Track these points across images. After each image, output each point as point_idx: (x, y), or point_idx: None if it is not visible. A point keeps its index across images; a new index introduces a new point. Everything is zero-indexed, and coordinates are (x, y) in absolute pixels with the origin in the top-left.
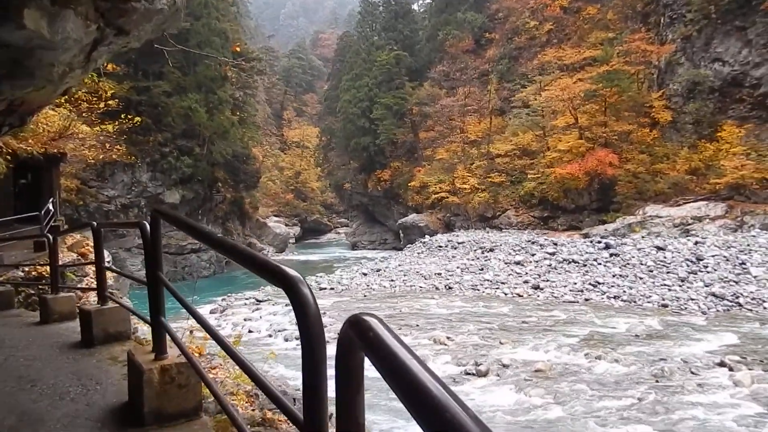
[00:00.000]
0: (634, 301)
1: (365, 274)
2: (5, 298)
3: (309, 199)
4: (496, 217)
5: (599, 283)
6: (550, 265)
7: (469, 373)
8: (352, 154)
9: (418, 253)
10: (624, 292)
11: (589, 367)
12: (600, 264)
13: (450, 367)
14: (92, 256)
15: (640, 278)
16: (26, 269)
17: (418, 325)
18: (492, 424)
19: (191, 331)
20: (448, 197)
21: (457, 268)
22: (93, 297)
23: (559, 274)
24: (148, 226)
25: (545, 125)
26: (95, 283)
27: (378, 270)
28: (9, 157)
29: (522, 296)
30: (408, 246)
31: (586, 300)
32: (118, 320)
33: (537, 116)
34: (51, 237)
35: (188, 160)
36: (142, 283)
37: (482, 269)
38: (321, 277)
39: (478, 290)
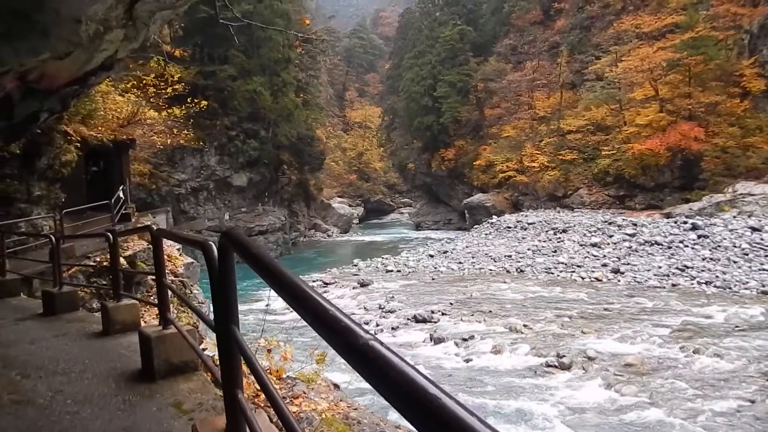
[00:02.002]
0: (729, 288)
1: (432, 256)
2: (70, 300)
3: (372, 180)
4: (567, 196)
5: (687, 267)
6: (630, 248)
7: (551, 365)
8: (415, 134)
9: (486, 234)
10: (717, 277)
11: (687, 362)
12: (687, 246)
13: (530, 359)
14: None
15: (734, 262)
16: (98, 260)
17: (491, 311)
18: (581, 425)
19: (269, 350)
20: (515, 176)
21: (528, 250)
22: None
23: (641, 257)
24: (215, 250)
25: (621, 98)
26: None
27: (445, 252)
28: (79, 145)
29: (601, 281)
30: (474, 227)
31: (674, 285)
32: (182, 348)
33: (612, 89)
34: (111, 237)
35: (254, 143)
36: (210, 327)
37: (555, 251)
38: (387, 258)
39: (552, 274)
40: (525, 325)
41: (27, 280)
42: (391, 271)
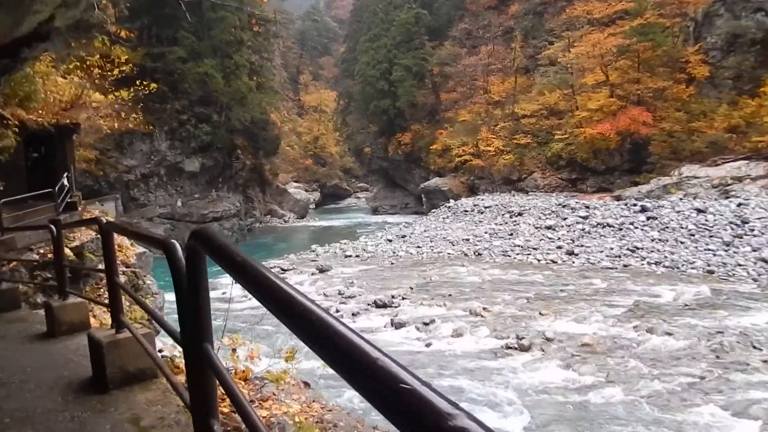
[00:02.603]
0: (677, 267)
1: (390, 241)
2: (11, 297)
3: (328, 164)
4: (522, 179)
5: (638, 248)
6: (583, 230)
7: (510, 347)
8: (371, 118)
9: (444, 218)
10: (665, 257)
11: (641, 341)
12: (637, 228)
13: (490, 341)
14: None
15: (682, 242)
16: (41, 252)
17: (450, 295)
18: (541, 405)
19: (234, 349)
20: (471, 160)
21: (485, 233)
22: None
23: (594, 238)
24: (178, 250)
25: (574, 83)
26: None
27: (403, 236)
28: (17, 129)
29: (556, 262)
30: (432, 211)
31: (625, 266)
32: (139, 353)
33: (565, 74)
34: (54, 228)
35: (206, 127)
36: (177, 342)
37: (512, 234)
38: (345, 244)
39: (509, 257)
40: (484, 308)
41: None
42: (350, 256)
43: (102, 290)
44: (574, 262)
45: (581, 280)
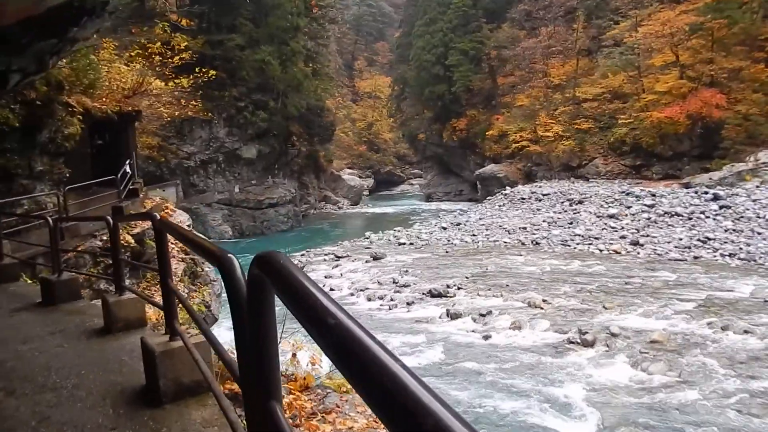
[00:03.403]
0: (754, 260)
1: (445, 229)
2: (71, 288)
3: (382, 151)
4: (582, 166)
5: (709, 239)
6: (649, 219)
7: (573, 342)
8: (426, 104)
9: (499, 206)
10: (740, 249)
11: (715, 338)
12: (708, 217)
13: (550, 335)
14: (173, 221)
15: (759, 233)
16: (104, 239)
17: (508, 285)
18: (608, 405)
19: (294, 354)
20: (529, 146)
21: (544, 221)
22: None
23: (661, 228)
24: (237, 269)
25: (640, 65)
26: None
27: (458, 224)
28: (82, 117)
29: (620, 253)
30: (487, 198)
31: (696, 258)
32: (190, 367)
33: (631, 55)
34: (111, 221)
35: (263, 114)
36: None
37: (572, 223)
38: (399, 231)
39: (569, 246)
40: (544, 300)
41: (29, 262)
42: (404, 243)
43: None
44: (639, 253)
45: (648, 272)
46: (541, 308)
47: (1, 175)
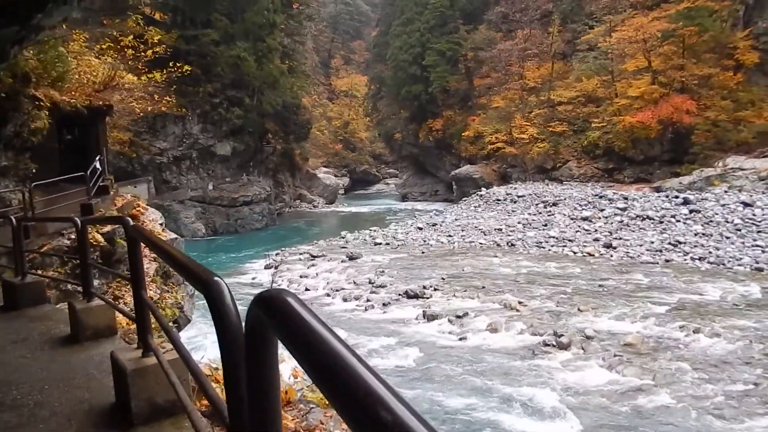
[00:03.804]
0: (723, 264)
1: (421, 229)
2: (36, 291)
3: (358, 150)
4: (556, 168)
5: (680, 243)
6: (621, 222)
7: (548, 345)
8: (402, 103)
9: (475, 207)
10: (710, 253)
11: (688, 342)
12: (679, 221)
13: (526, 337)
14: (145, 219)
15: (727, 238)
16: (73, 236)
17: (484, 287)
18: (584, 409)
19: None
20: (504, 148)
21: (519, 223)
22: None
23: (633, 231)
24: (227, 298)
25: (613, 69)
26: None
27: (434, 224)
28: (49, 111)
29: (593, 255)
30: (462, 199)
31: (667, 261)
32: (164, 386)
33: (604, 60)
34: (79, 222)
35: (238, 111)
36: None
37: (546, 225)
38: (375, 231)
39: (544, 248)
40: (520, 302)
41: None
42: (380, 243)
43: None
44: (612, 256)
45: (621, 275)
46: (517, 310)
47: None
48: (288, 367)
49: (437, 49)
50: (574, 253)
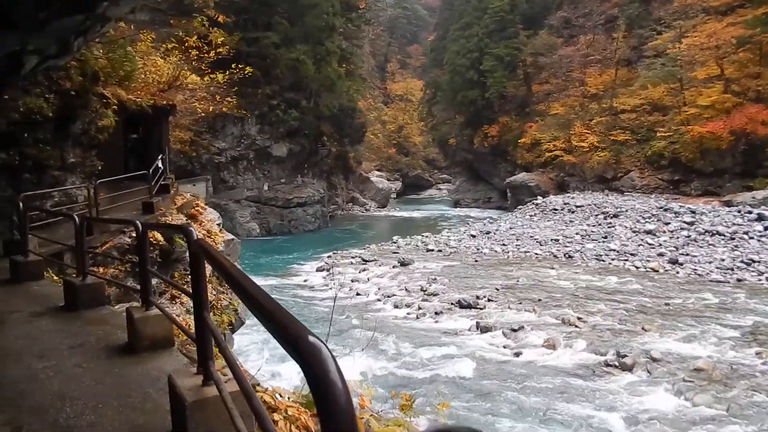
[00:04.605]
0: None
1: (474, 236)
2: (93, 293)
3: (411, 154)
4: (617, 178)
5: (754, 261)
6: (688, 237)
7: (610, 365)
8: (458, 108)
9: (530, 216)
10: None
11: (765, 370)
12: (752, 238)
13: (586, 356)
14: (203, 219)
15: None
16: (134, 234)
17: (540, 300)
18: None
19: None
20: (562, 156)
21: (577, 234)
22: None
23: (701, 247)
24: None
25: (682, 77)
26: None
27: (487, 232)
28: (116, 109)
29: (657, 271)
30: (518, 207)
31: (739, 281)
32: (225, 421)
33: (673, 67)
34: (140, 227)
35: (295, 113)
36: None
37: (606, 237)
38: (427, 237)
39: (603, 261)
40: (579, 318)
41: (54, 261)
42: (432, 250)
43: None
44: (678, 272)
45: (688, 293)
46: (576, 326)
47: (32, 166)
48: (354, 393)
49: (495, 54)
50: (637, 267)
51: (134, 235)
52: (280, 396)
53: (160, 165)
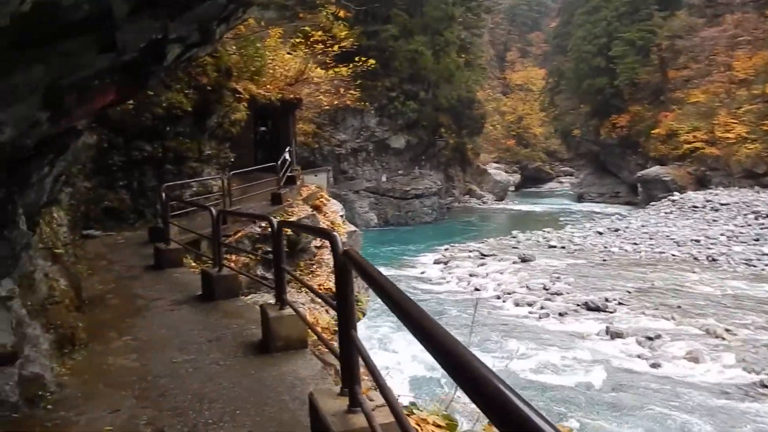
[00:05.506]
0: None
1: (601, 234)
2: (228, 285)
3: (531, 146)
4: None
5: None
6: None
7: (766, 386)
8: (583, 97)
9: (666, 213)
10: None
11: None
12: None
13: (737, 374)
14: (327, 210)
15: None
16: (263, 224)
17: (680, 307)
18: None
19: None
20: (704, 148)
21: (722, 235)
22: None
23: None
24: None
25: None
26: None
27: (616, 230)
28: (247, 104)
29: None
30: (650, 203)
31: None
32: None
33: None
34: (275, 223)
35: (413, 104)
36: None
37: (758, 240)
38: (548, 232)
39: (755, 266)
40: (727, 330)
41: (192, 250)
42: (554, 246)
43: (314, 267)
44: None
45: None
46: (724, 339)
47: (173, 158)
48: None
49: (626, 38)
50: None
51: (263, 224)
52: (426, 422)
53: (287, 157)
